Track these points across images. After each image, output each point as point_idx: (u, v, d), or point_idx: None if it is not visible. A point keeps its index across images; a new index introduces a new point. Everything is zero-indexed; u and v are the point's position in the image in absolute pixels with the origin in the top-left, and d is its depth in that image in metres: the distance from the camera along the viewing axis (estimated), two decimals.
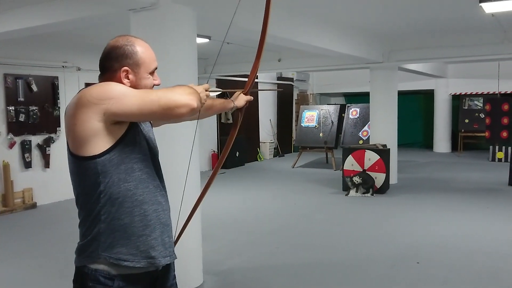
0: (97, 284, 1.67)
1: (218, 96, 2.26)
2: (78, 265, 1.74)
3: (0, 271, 4.79)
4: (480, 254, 4.96)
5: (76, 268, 1.75)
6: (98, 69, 1.81)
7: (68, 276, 4.81)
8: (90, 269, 1.69)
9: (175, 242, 1.98)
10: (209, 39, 6.99)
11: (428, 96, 14.84)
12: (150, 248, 1.73)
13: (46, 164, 7.86)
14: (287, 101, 14.72)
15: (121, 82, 1.72)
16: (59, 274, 4.65)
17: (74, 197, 1.77)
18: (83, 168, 1.67)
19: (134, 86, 1.74)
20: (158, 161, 1.88)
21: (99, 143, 1.64)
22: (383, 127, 9.13)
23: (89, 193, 1.69)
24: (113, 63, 1.73)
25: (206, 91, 1.80)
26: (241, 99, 2.15)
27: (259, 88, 13.43)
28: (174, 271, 1.94)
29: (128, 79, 1.74)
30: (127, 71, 1.73)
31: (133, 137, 1.72)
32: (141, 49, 1.76)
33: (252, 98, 2.13)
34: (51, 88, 7.92)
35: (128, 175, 1.69)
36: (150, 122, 1.94)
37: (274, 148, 13.93)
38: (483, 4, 5.19)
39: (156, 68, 1.82)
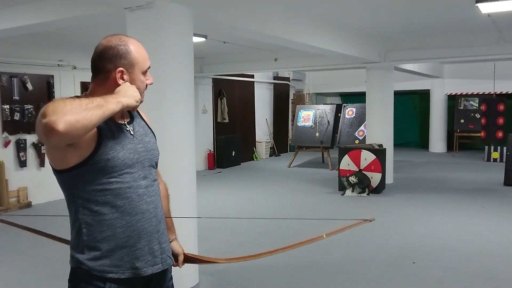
0: (88, 285, 1.66)
1: None
2: (72, 265, 1.72)
3: None
4: (475, 254, 4.97)
5: (71, 268, 1.73)
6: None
7: (62, 276, 4.77)
8: (83, 270, 1.67)
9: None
10: (205, 38, 6.97)
11: (424, 96, 14.88)
12: (135, 259, 1.69)
13: (41, 163, 7.82)
14: (283, 101, 14.72)
15: (116, 83, 1.67)
16: (53, 274, 4.63)
17: None
18: (59, 179, 1.68)
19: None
20: (153, 165, 1.82)
21: (68, 158, 1.60)
22: (379, 127, 9.14)
23: (69, 204, 1.70)
24: (106, 64, 1.68)
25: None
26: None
27: None
28: (171, 273, 1.92)
29: (124, 80, 1.69)
30: (122, 71, 1.69)
31: (105, 152, 1.62)
32: (135, 49, 1.72)
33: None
34: (47, 86, 7.89)
35: (105, 189, 1.64)
36: (148, 125, 1.90)
37: (270, 147, 13.93)
38: (479, 5, 5.21)
39: (149, 67, 1.79)
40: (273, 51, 9.34)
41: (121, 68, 1.68)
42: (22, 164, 7.58)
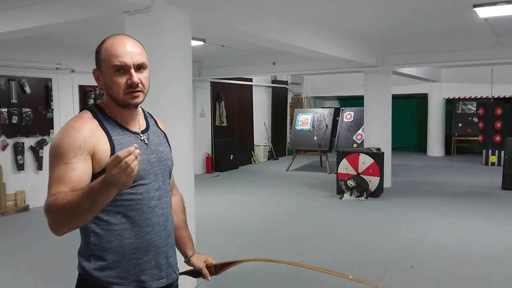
0: None
1: None
2: (80, 272, 1.69)
3: None
4: (473, 258, 4.97)
5: (78, 274, 1.71)
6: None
7: (59, 280, 4.76)
8: (90, 277, 1.64)
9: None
10: (204, 41, 6.99)
11: (422, 100, 14.91)
12: (141, 271, 1.66)
13: (39, 167, 7.81)
14: (282, 104, 14.73)
15: (100, 85, 1.66)
16: (50, 278, 4.61)
17: None
18: None
19: (104, 87, 1.64)
20: (166, 175, 1.77)
21: (93, 167, 1.58)
22: (377, 130, 9.15)
23: None
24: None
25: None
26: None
27: None
28: (177, 287, 1.89)
29: (100, 80, 1.64)
30: (95, 72, 1.65)
31: None
32: (105, 46, 1.60)
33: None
34: (45, 90, 7.88)
35: (117, 199, 1.58)
36: (164, 133, 1.84)
37: (268, 151, 13.93)
38: (476, 9, 5.23)
39: (123, 65, 1.58)
40: (271, 55, 9.36)
41: (94, 69, 1.65)
42: (20, 167, 7.56)
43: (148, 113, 1.84)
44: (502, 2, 5.00)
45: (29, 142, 7.69)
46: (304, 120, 12.07)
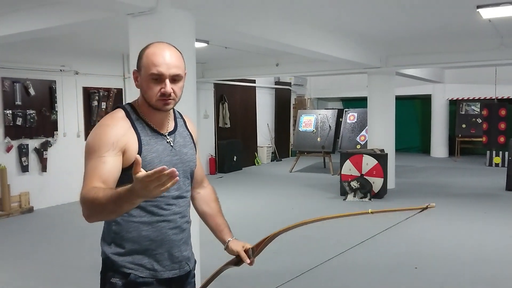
0: (115, 274, 1.76)
1: None
2: (102, 256, 1.82)
3: None
4: (478, 260, 4.96)
5: (102, 259, 1.83)
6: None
7: (64, 281, 4.77)
8: (110, 261, 1.78)
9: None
10: (207, 43, 7.00)
11: (425, 101, 14.88)
12: (154, 261, 1.78)
13: (43, 168, 7.83)
14: (285, 106, 14.74)
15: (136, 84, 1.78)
16: (55, 279, 4.63)
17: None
18: None
19: (140, 87, 1.76)
20: (187, 176, 1.88)
21: (123, 161, 1.71)
22: (380, 132, 9.14)
23: None
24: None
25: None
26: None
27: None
28: (193, 278, 1.99)
29: (137, 81, 1.77)
30: (135, 72, 1.77)
31: (143, 165, 1.57)
32: (147, 52, 1.72)
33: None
34: (49, 92, 7.91)
35: None
36: (190, 133, 1.95)
37: (272, 152, 13.93)
38: (480, 10, 5.22)
39: (159, 75, 1.69)
40: (274, 57, 9.37)
41: (134, 69, 1.77)
42: (24, 169, 7.59)
43: (178, 113, 1.97)
44: (505, 2, 4.99)
45: (33, 144, 7.72)
46: (307, 121, 12.06)
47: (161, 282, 1.80)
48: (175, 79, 1.74)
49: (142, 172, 1.32)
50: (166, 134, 1.82)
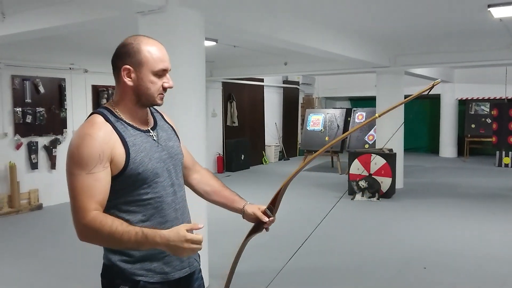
0: (125, 282, 1.71)
1: None
2: (105, 262, 1.76)
3: (5, 272, 4.81)
4: (486, 260, 4.93)
5: (104, 264, 1.78)
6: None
7: (73, 277, 4.80)
8: (117, 267, 1.72)
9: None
10: (216, 42, 7.00)
11: (434, 100, 14.79)
12: (164, 264, 1.75)
13: (52, 166, 7.89)
14: (293, 105, 14.72)
15: (123, 81, 1.68)
16: (64, 276, 4.66)
17: None
18: None
19: (136, 85, 1.68)
20: (177, 170, 1.83)
21: (111, 169, 1.66)
22: (389, 131, 9.10)
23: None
24: (117, 61, 1.69)
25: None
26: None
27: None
28: (200, 273, 1.98)
29: (130, 78, 1.67)
30: (128, 69, 1.66)
31: (134, 168, 1.65)
32: (147, 48, 1.67)
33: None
34: (58, 89, 7.96)
35: (136, 200, 1.68)
36: (170, 125, 1.92)
37: (279, 151, 13.93)
38: (491, 9, 5.18)
39: (165, 70, 1.71)
40: (283, 55, 9.35)
41: (126, 66, 1.66)
42: (34, 166, 7.64)
43: (153, 108, 1.88)
44: None
45: (42, 141, 7.78)
46: (315, 120, 12.04)
47: (170, 283, 1.77)
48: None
49: (189, 233, 1.51)
50: (149, 129, 1.77)
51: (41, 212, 7.48)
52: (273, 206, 2.01)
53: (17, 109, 7.34)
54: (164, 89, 1.72)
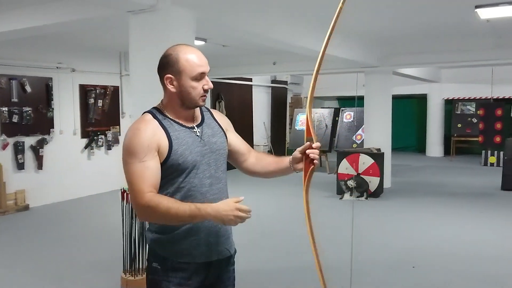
0: (156, 259, 1.96)
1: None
2: (148, 243, 2.02)
3: None
4: (474, 259, 4.98)
5: (148, 246, 2.04)
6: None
7: (61, 279, 4.74)
8: (152, 246, 1.98)
9: None
10: (205, 41, 6.99)
11: (421, 100, 14.93)
12: (192, 248, 1.93)
13: (39, 166, 7.79)
14: (281, 104, 14.73)
15: (167, 88, 1.90)
16: (52, 277, 4.61)
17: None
18: None
19: (179, 91, 1.88)
20: (218, 164, 2.02)
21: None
22: (377, 131, 9.16)
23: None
24: (161, 71, 1.90)
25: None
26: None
27: None
28: (233, 265, 2.19)
29: (173, 85, 1.88)
30: (170, 78, 1.88)
31: (175, 159, 1.86)
32: (184, 56, 1.86)
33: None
34: (45, 89, 7.86)
35: (175, 186, 1.89)
36: (218, 123, 2.08)
37: (268, 151, 13.93)
38: (478, 10, 5.23)
39: (203, 73, 1.89)
40: (272, 55, 9.35)
41: (168, 75, 1.87)
42: (20, 166, 7.54)
43: (205, 107, 2.09)
44: (504, 3, 5.00)
45: (29, 141, 7.68)
46: (304, 120, 12.06)
47: (198, 267, 1.95)
48: None
49: (239, 203, 1.84)
50: (194, 126, 1.97)
51: (28, 213, 7.39)
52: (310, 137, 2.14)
53: (4, 109, 7.23)
54: (205, 90, 1.92)
